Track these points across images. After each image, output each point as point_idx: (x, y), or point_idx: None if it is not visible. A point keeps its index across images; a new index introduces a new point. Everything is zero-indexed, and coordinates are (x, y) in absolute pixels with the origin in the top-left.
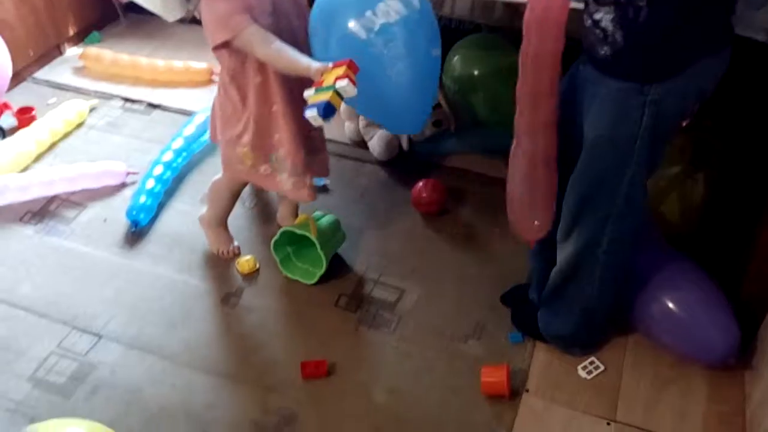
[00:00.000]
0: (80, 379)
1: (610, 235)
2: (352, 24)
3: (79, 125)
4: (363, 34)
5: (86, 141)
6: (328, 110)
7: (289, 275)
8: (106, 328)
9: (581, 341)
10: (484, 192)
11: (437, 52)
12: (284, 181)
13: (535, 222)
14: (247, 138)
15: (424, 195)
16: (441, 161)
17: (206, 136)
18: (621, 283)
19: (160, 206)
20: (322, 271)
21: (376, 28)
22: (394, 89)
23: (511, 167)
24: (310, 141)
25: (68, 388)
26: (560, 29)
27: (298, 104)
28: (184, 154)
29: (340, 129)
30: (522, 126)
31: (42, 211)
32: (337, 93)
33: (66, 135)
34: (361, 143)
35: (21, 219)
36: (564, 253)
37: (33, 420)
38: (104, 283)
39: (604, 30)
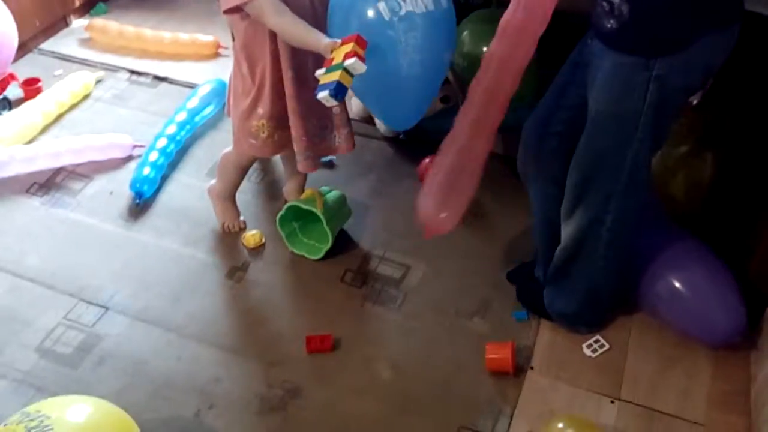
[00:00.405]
0: (87, 350)
1: (614, 213)
2: (380, 3)
3: (85, 97)
4: (387, 15)
5: (92, 113)
6: (339, 90)
7: (295, 250)
8: (112, 301)
9: (586, 319)
10: (491, 169)
11: (448, 56)
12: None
13: (443, 215)
14: (262, 110)
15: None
16: None
17: (209, 110)
18: (625, 261)
19: (165, 179)
20: (328, 246)
21: (402, 13)
22: (399, 77)
23: (441, 156)
24: (322, 117)
25: (75, 359)
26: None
27: (308, 71)
28: (188, 127)
29: (348, 104)
30: (466, 121)
31: (48, 183)
32: (347, 71)
33: (72, 107)
34: (369, 119)
35: (27, 191)
36: (568, 230)
37: (40, 390)
38: (110, 256)
39: (610, 2)
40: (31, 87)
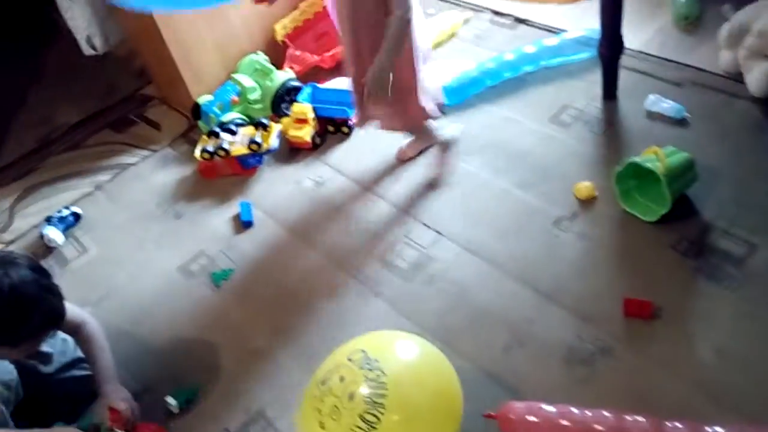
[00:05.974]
0: (419, 269)
1: None
2: None
3: (451, 36)
4: None
5: (452, 51)
6: None
7: (628, 208)
8: (446, 228)
9: None
10: None
11: None
12: None
13: None
14: None
15: None
16: None
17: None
18: None
19: (508, 121)
20: (666, 210)
21: None
22: None
23: None
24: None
25: (409, 274)
26: None
27: None
28: (531, 63)
29: (713, 58)
30: None
31: None
32: None
33: (436, 45)
34: (737, 76)
35: None
36: None
37: (377, 295)
38: (450, 189)
39: None
40: None
